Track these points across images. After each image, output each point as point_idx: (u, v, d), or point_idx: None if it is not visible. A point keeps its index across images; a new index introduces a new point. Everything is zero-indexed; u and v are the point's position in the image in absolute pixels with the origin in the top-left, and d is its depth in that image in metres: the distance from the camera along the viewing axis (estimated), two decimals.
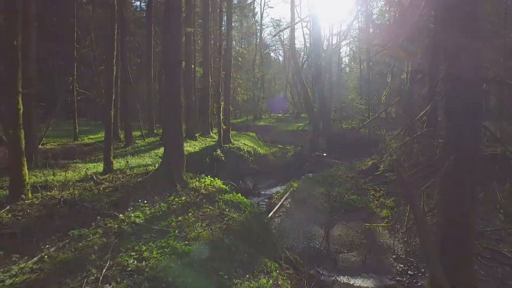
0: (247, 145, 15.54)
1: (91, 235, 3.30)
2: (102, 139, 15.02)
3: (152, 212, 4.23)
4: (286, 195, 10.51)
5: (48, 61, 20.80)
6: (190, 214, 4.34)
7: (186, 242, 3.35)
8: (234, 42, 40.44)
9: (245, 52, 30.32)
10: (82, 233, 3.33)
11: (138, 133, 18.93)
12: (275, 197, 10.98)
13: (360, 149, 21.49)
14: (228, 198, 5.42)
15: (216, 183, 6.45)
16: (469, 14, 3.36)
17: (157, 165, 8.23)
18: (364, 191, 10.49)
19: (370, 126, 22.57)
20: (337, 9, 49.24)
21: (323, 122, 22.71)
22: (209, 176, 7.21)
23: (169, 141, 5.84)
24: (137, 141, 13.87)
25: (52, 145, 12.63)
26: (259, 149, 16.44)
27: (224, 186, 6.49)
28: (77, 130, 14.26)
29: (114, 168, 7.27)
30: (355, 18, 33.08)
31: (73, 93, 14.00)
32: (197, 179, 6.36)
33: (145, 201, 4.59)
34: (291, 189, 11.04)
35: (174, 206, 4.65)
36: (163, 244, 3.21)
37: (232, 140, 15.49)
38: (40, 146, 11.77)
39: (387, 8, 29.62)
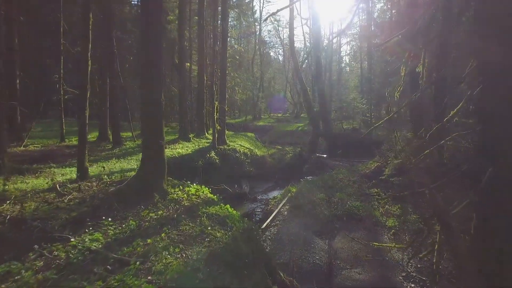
0: (244, 146, 14.79)
1: (23, 271, 2.55)
2: (92, 140, 14.29)
3: (116, 233, 3.48)
4: (284, 201, 9.77)
5: (45, 60, 20.12)
6: (163, 234, 3.59)
7: (148, 278, 2.61)
8: (233, 40, 39.82)
9: (243, 50, 29.59)
10: (11, 268, 2.58)
11: (131, 134, 18.24)
12: (272, 203, 10.24)
13: (362, 150, 20.74)
14: (214, 212, 4.66)
15: (203, 191, 5.70)
16: None
17: None
18: (367, 197, 9.74)
19: (372, 126, 21.82)
20: (338, 5, 48.52)
21: (323, 122, 21.95)
22: (196, 183, 6.45)
23: (148, 144, 5.09)
24: (126, 143, 13.11)
25: (36, 146, 11.89)
26: (257, 150, 15.69)
27: (212, 195, 5.74)
28: (64, 130, 13.53)
29: (90, 174, 6.53)
30: (355, 15, 32.30)
31: (60, 92, 13.25)
32: (181, 187, 5.60)
33: (111, 218, 3.84)
34: (289, 194, 10.29)
35: (147, 224, 3.90)
36: (116, 283, 2.47)
37: (228, 141, 14.74)
38: (21, 148, 11.04)
39: (388, 6, 28.98)
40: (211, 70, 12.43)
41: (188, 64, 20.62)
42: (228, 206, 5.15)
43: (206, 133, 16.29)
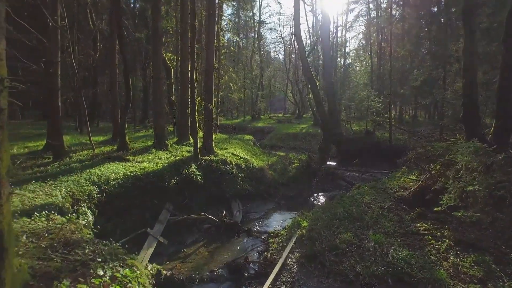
0: (237, 155, 11.60)
1: None
2: (40, 148, 10.96)
3: None
4: (291, 244, 6.57)
5: None
6: None
7: None
8: (230, 36, 36.60)
9: (239, 40, 26.48)
10: None
11: (101, 138, 15.03)
12: (274, 245, 7.00)
13: (380, 157, 17.55)
14: None
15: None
16: None
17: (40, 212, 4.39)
18: (416, 238, 6.54)
19: (390, 129, 18.56)
20: None
21: (332, 123, 18.75)
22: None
23: None
24: (82, 152, 9.91)
25: None
26: (253, 160, 12.51)
27: None
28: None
29: None
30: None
31: None
32: None
33: None
34: (298, 231, 7.09)
35: None
36: None
37: (216, 149, 11.56)
38: None
39: None
40: (191, 55, 9.23)
41: (174, 56, 17.46)
42: None
43: (191, 138, 13.07)
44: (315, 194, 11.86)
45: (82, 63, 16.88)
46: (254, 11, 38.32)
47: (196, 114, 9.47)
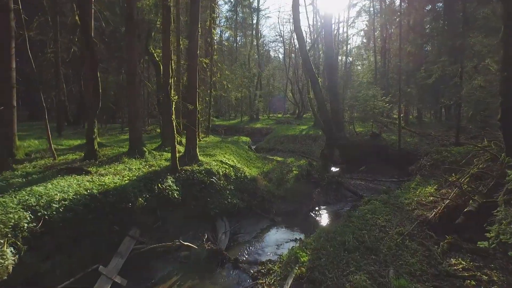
0: (226, 163, 9.98)
1: None
2: None
3: None
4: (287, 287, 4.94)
5: None
6: None
7: None
8: (227, 34, 34.99)
9: (234, 35, 24.88)
10: None
11: (77, 142, 13.43)
12: (264, 286, 5.37)
13: (387, 163, 15.90)
14: None
15: None
16: None
17: None
18: (454, 283, 4.90)
19: (401, 131, 16.88)
20: None
21: (335, 124, 17.11)
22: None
23: None
24: (36, 162, 8.29)
25: None
26: (246, 168, 10.89)
27: None
28: None
29: None
30: None
31: None
32: None
33: None
34: (296, 268, 5.46)
35: None
36: None
37: (202, 156, 9.95)
38: None
39: None
40: (166, 43, 7.57)
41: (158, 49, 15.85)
42: None
43: (175, 142, 11.41)
44: (317, 208, 10.24)
45: (54, 58, 15.30)
46: (252, 8, 36.71)
47: (173, 116, 7.86)
